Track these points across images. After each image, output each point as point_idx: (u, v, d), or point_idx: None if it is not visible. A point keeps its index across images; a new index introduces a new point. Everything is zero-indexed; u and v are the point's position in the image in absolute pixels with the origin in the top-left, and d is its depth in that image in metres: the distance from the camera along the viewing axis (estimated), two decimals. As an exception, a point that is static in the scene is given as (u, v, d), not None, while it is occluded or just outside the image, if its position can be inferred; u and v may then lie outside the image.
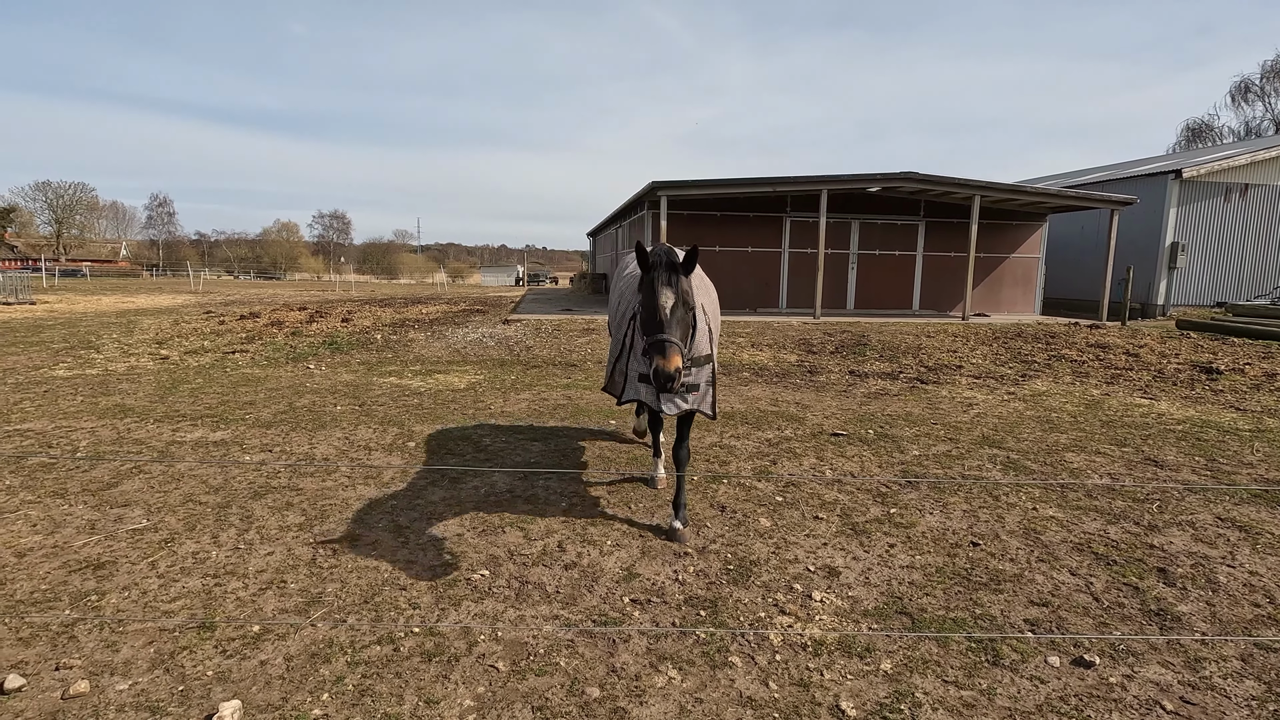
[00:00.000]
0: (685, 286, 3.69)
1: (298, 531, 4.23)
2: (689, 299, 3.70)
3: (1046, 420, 7.37)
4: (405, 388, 8.83)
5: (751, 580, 3.72)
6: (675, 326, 3.57)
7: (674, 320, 3.57)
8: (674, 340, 3.51)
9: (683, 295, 3.64)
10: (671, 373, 3.42)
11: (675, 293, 3.60)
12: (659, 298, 3.57)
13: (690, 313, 3.72)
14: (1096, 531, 4.37)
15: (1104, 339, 13.38)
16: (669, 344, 3.49)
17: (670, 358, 3.45)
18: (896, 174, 16.42)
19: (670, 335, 3.52)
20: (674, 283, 3.62)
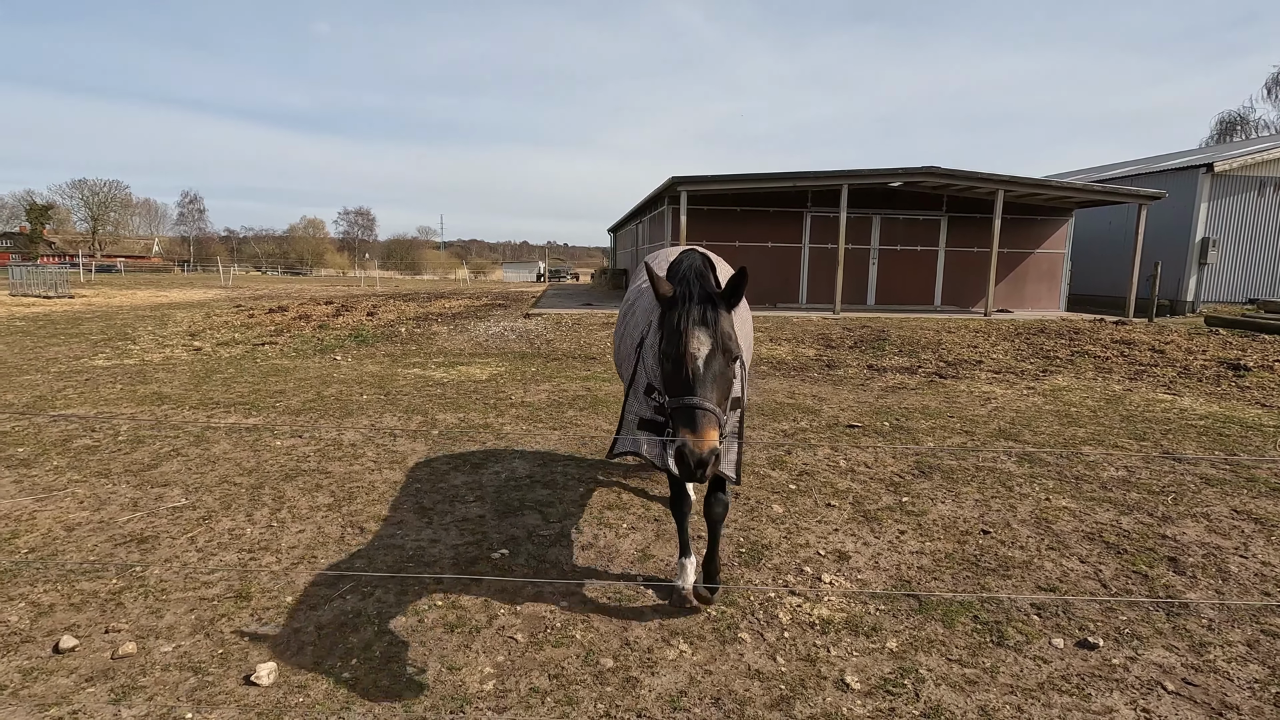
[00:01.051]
0: (726, 328, 2.64)
1: (327, 511, 4.42)
2: (731, 345, 2.62)
3: (1065, 414, 7.35)
4: (429, 378, 9.03)
5: (763, 563, 3.82)
6: (711, 386, 2.50)
7: (709, 377, 2.51)
8: (709, 408, 2.45)
9: (723, 340, 2.58)
10: (705, 456, 2.36)
11: (713, 337, 2.56)
12: (688, 343, 2.53)
13: (731, 364, 2.64)
14: (1109, 522, 4.40)
15: (1129, 335, 13.21)
16: (702, 412, 2.43)
17: (703, 432, 2.39)
18: (918, 169, 16.32)
19: (704, 400, 2.45)
20: (711, 321, 2.57)
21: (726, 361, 2.61)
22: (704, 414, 2.44)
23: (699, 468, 2.36)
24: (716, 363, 2.55)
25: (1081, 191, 17.82)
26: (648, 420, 3.11)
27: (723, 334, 2.60)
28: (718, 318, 2.60)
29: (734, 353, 2.63)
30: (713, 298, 2.65)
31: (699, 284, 2.69)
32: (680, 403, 2.48)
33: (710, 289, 2.71)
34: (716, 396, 2.52)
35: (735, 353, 2.64)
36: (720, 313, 2.64)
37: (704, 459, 2.35)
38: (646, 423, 3.11)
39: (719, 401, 2.53)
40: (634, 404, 3.19)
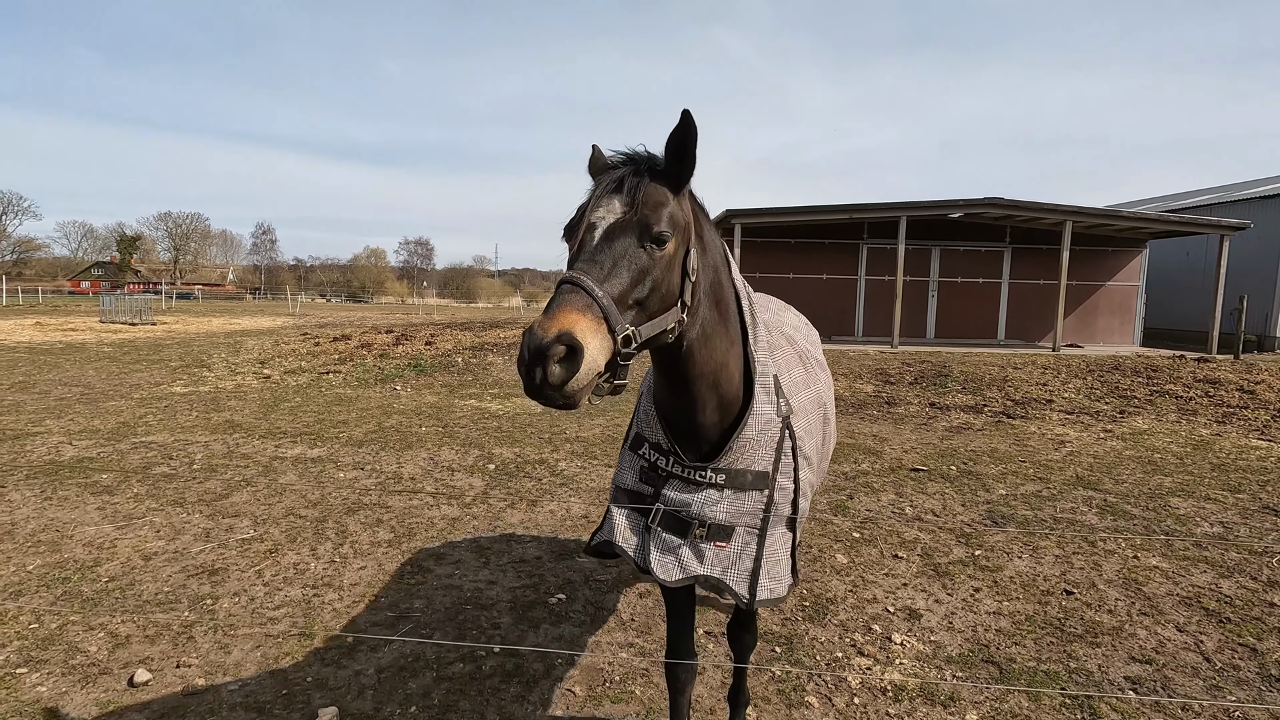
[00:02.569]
0: (659, 200, 1.72)
1: (387, 548, 4.46)
2: (658, 225, 1.68)
3: (1148, 461, 6.91)
4: (485, 410, 9.15)
5: (828, 618, 3.66)
6: (606, 266, 1.62)
7: (606, 254, 1.64)
8: (581, 282, 1.56)
9: (642, 213, 1.68)
10: (544, 343, 1.44)
11: (628, 205, 1.69)
12: (588, 210, 1.73)
13: (657, 252, 1.68)
14: (1207, 585, 4.07)
15: (1214, 373, 12.42)
16: (569, 286, 1.56)
17: (557, 313, 1.49)
18: (980, 200, 15.92)
19: (579, 274, 1.58)
20: (630, 189, 1.71)
21: (643, 243, 1.65)
22: (569, 290, 1.53)
23: (530, 363, 1.44)
24: (623, 242, 1.65)
25: (1156, 222, 17.05)
26: (629, 490, 2.15)
27: (646, 205, 1.68)
28: (640, 184, 1.70)
29: (662, 235, 1.67)
30: (638, 162, 1.79)
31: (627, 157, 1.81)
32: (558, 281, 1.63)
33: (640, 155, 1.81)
34: (616, 288, 1.60)
35: (665, 235, 1.67)
36: (648, 183, 1.71)
37: (542, 347, 1.42)
38: (628, 495, 2.15)
39: (621, 300, 1.60)
40: (620, 467, 2.24)
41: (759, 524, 2.06)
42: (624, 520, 2.14)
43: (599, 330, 1.52)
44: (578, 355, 1.45)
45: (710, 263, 1.91)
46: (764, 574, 2.04)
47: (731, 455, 1.99)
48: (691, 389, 1.94)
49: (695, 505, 2.01)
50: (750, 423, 1.99)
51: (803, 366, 2.38)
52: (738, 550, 2.05)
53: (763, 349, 2.06)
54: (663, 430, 2.06)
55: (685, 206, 1.81)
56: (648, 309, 1.68)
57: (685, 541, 2.04)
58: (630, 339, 1.60)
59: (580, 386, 1.49)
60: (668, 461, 2.05)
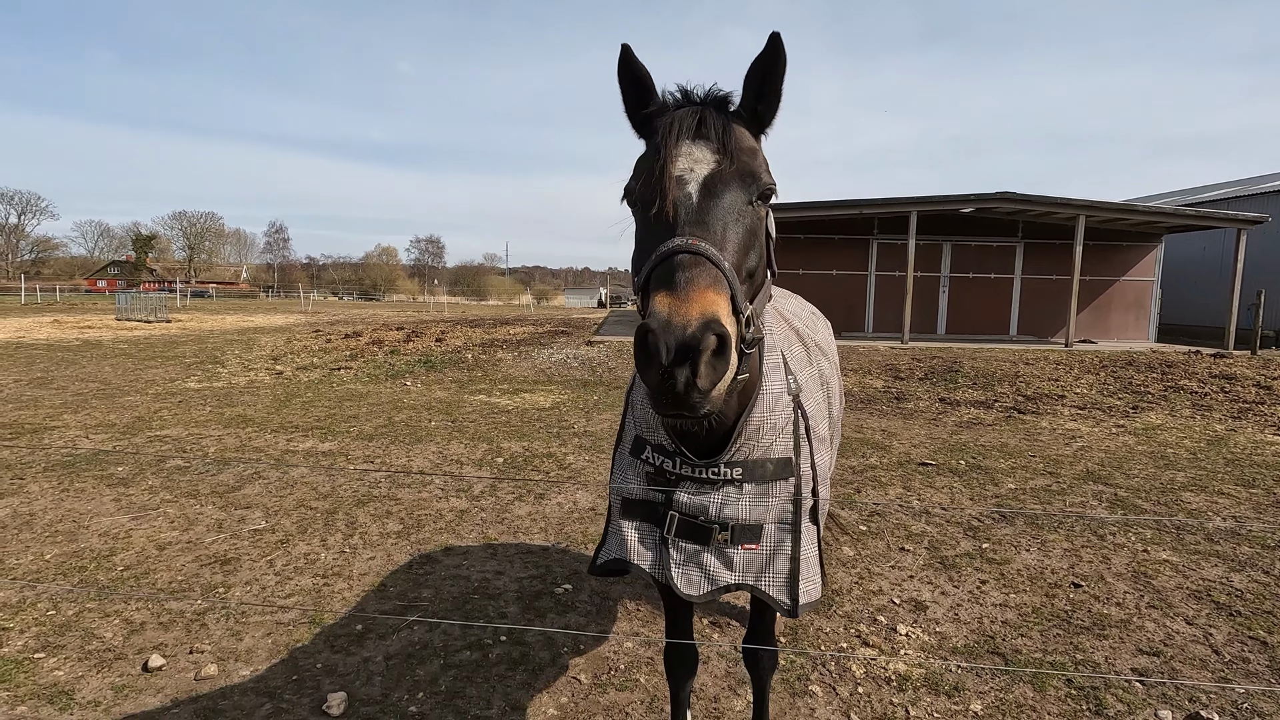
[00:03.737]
0: (749, 144, 1.47)
1: (396, 539, 4.51)
2: (757, 170, 1.44)
3: (1161, 456, 6.85)
4: (494, 405, 9.20)
5: (834, 609, 3.66)
6: (719, 228, 1.35)
7: (715, 211, 1.36)
8: (706, 251, 1.28)
9: (740, 158, 1.42)
10: (688, 335, 1.14)
11: (721, 152, 1.41)
12: (671, 160, 1.39)
13: (758, 206, 1.45)
14: (1218, 579, 4.04)
15: (1230, 369, 12.27)
16: (691, 258, 1.27)
17: (690, 293, 1.20)
18: (991, 194, 15.79)
19: (697, 240, 1.30)
20: (717, 132, 1.42)
21: (748, 196, 1.39)
22: (692, 261, 1.24)
23: (675, 361, 1.13)
24: (731, 197, 1.36)
25: (1171, 216, 16.84)
26: (636, 501, 1.90)
27: (742, 152, 1.41)
28: (729, 127, 1.40)
29: (764, 183, 1.41)
30: (721, 103, 1.49)
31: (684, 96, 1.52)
32: (659, 252, 1.29)
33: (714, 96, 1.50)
34: (735, 256, 1.31)
35: (768, 184, 1.42)
36: (732, 126, 1.42)
37: (688, 339, 1.12)
38: (635, 505, 1.91)
39: (739, 271, 1.32)
40: (618, 475, 1.99)
41: (790, 518, 1.82)
42: (634, 534, 1.89)
43: (730, 310, 1.21)
44: (728, 348, 1.13)
45: None
46: (802, 575, 1.81)
47: (744, 444, 1.74)
48: None
49: (713, 507, 1.77)
50: (760, 404, 1.73)
51: (801, 344, 2.17)
52: (770, 551, 1.82)
53: (769, 319, 1.81)
54: (665, 429, 1.79)
55: (764, 153, 1.52)
56: (757, 281, 1.38)
57: (708, 548, 1.80)
58: (750, 320, 1.29)
59: (724, 391, 1.18)
60: (675, 463, 1.80)
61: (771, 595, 1.82)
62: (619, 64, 1.53)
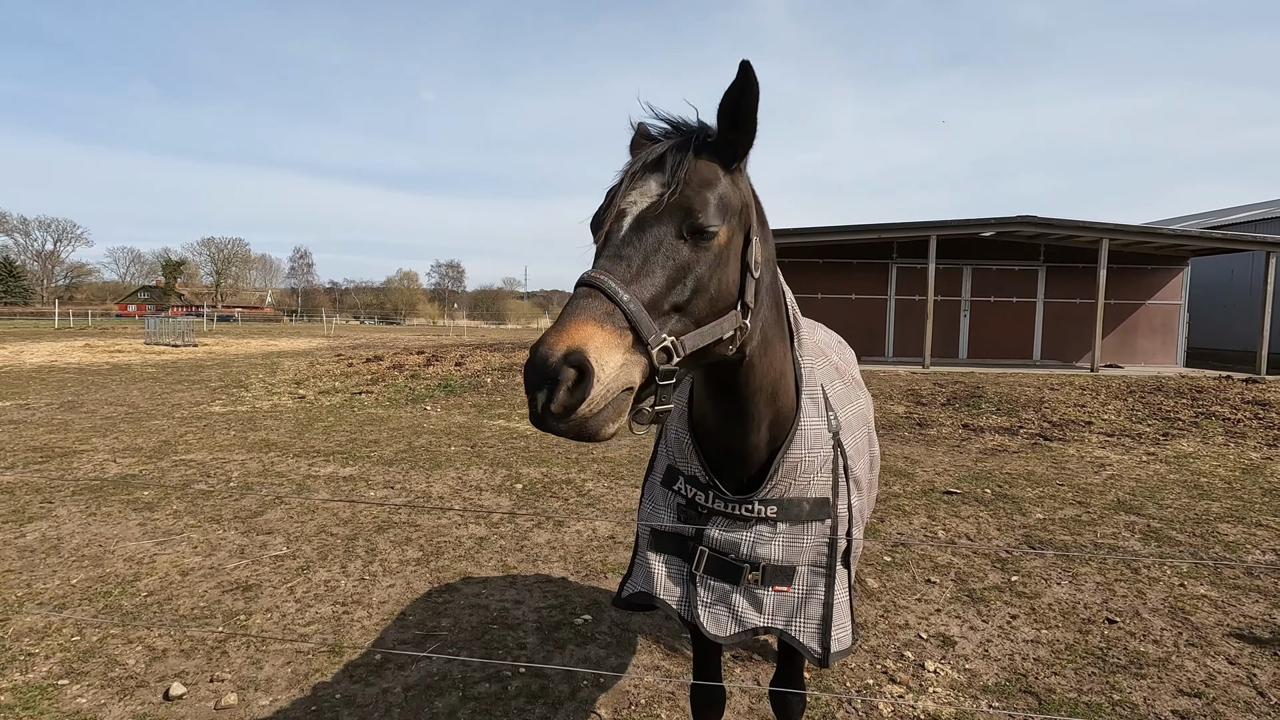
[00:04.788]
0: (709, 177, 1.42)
1: (416, 566, 4.50)
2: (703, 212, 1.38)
3: (1194, 486, 6.66)
4: (513, 430, 9.22)
5: (858, 644, 3.58)
6: (636, 264, 1.34)
7: (636, 247, 1.36)
8: (604, 285, 1.28)
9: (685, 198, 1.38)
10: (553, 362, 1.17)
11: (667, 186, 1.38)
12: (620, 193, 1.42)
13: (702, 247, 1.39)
14: (1259, 616, 3.89)
15: (1263, 395, 11.96)
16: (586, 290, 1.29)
17: (569, 325, 1.22)
18: (1012, 218, 15.69)
19: (602, 274, 1.31)
20: (671, 167, 1.40)
21: (683, 234, 1.36)
22: (585, 294, 1.27)
23: (531, 387, 1.20)
24: (657, 232, 1.36)
25: (1197, 239, 16.60)
26: (665, 533, 1.87)
27: (687, 185, 1.38)
28: (684, 160, 1.39)
29: (706, 223, 1.37)
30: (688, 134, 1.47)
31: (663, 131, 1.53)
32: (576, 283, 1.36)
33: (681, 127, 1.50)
34: (648, 290, 1.31)
35: (710, 223, 1.37)
36: (694, 158, 1.41)
37: (542, 367, 1.18)
38: (664, 538, 1.87)
39: (655, 304, 1.31)
40: (648, 505, 1.95)
41: (825, 561, 1.76)
42: (662, 568, 1.85)
43: (622, 344, 1.23)
44: (588, 378, 1.17)
45: (770, 254, 1.62)
46: (834, 622, 1.76)
47: (780, 481, 1.71)
48: (749, 406, 1.64)
49: (745, 545, 1.74)
50: (798, 440, 1.71)
51: (841, 380, 2.10)
52: (802, 594, 1.76)
53: (808, 354, 1.79)
54: (699, 460, 1.77)
55: (743, 185, 1.50)
56: (694, 314, 1.37)
57: (738, 588, 1.75)
58: (671, 351, 1.30)
59: (594, 414, 1.20)
60: (707, 497, 1.76)
61: (802, 642, 1.76)
62: (631, 143, 1.61)
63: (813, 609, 1.77)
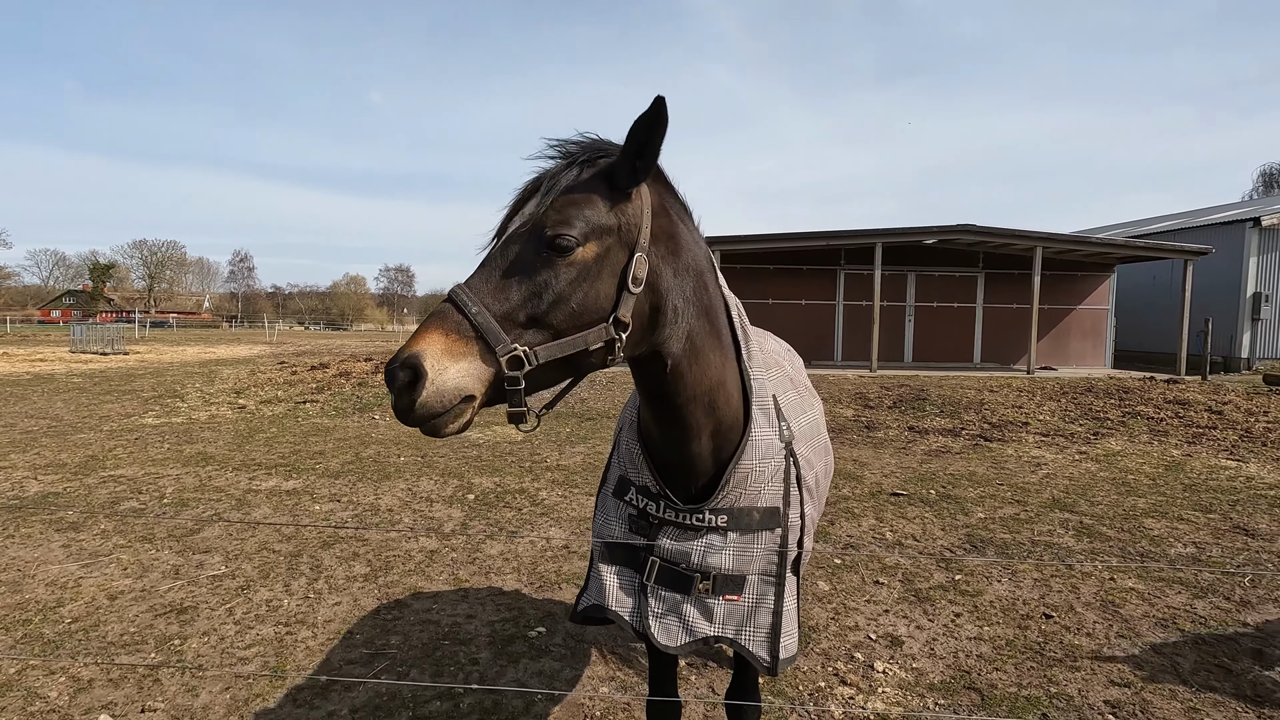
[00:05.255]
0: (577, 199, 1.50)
1: (363, 582, 4.38)
2: (564, 230, 1.45)
3: (1122, 483, 7.01)
4: (465, 438, 9.06)
5: (810, 647, 3.64)
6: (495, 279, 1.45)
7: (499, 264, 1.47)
8: (460, 299, 1.41)
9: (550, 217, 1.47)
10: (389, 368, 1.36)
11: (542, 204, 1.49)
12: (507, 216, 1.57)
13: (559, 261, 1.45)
14: (1182, 606, 4.12)
15: (1183, 395, 12.70)
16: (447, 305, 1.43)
17: (426, 330, 1.38)
18: (953, 226, 16.27)
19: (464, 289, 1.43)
20: (548, 189, 1.51)
21: (540, 251, 1.44)
22: (442, 308, 1.41)
23: (388, 385, 1.34)
24: (516, 249, 1.45)
25: (1123, 247, 17.53)
26: (617, 545, 1.88)
27: (552, 206, 1.47)
28: (558, 181, 1.50)
29: (562, 240, 1.43)
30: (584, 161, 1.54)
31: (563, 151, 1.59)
32: None
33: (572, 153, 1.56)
34: (502, 303, 1.41)
35: (566, 241, 1.43)
36: (573, 178, 1.50)
37: (390, 371, 1.33)
38: (616, 549, 1.89)
39: (510, 316, 1.41)
40: (600, 517, 1.97)
41: (775, 570, 1.79)
42: (614, 580, 1.87)
43: (468, 352, 1.37)
44: (420, 381, 1.33)
45: (689, 265, 1.66)
46: (783, 630, 1.78)
47: (731, 491, 1.74)
48: (684, 414, 1.68)
49: (696, 555, 1.75)
50: (749, 451, 1.74)
51: (795, 391, 2.15)
52: (752, 603, 1.79)
53: (757, 365, 1.83)
54: (649, 470, 1.81)
55: (634, 207, 1.55)
56: (552, 326, 1.45)
57: (689, 598, 1.78)
58: (521, 360, 1.41)
59: (433, 414, 1.36)
60: (658, 506, 1.79)
61: (751, 650, 1.78)
62: None
63: (762, 617, 1.79)
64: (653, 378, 1.68)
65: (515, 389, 1.42)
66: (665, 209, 1.64)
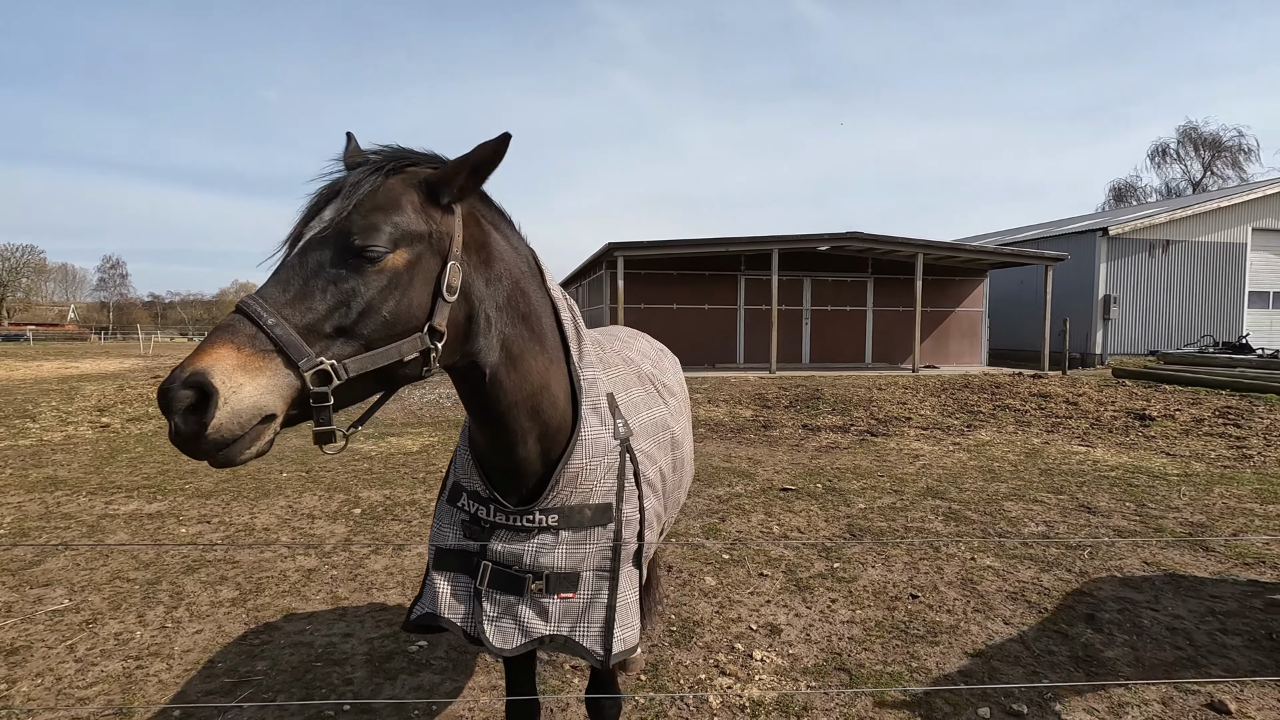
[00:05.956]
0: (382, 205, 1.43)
1: (230, 607, 4.10)
2: (367, 234, 1.39)
3: (989, 470, 7.59)
4: (356, 451, 8.68)
5: (694, 641, 3.72)
6: (292, 290, 1.35)
7: (295, 272, 1.37)
8: (252, 309, 1.30)
9: (353, 221, 1.39)
10: (163, 386, 1.19)
11: (342, 209, 1.40)
12: (302, 221, 1.45)
13: (362, 268, 1.39)
14: (1030, 580, 4.50)
15: (1046, 388, 13.91)
16: (235, 315, 1.31)
17: (209, 346, 1.25)
18: (843, 234, 17.14)
19: (254, 300, 1.32)
20: (350, 193, 1.42)
21: (346, 258, 1.37)
22: (232, 319, 1.28)
23: (164, 409, 1.18)
24: (319, 256, 1.37)
25: (993, 254, 19.03)
26: (451, 551, 1.86)
27: (358, 210, 1.39)
28: (361, 185, 1.41)
29: (370, 247, 1.37)
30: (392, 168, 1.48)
31: None
32: None
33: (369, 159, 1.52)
34: (304, 314, 1.32)
35: (375, 248, 1.37)
36: (379, 182, 1.43)
37: (164, 390, 1.17)
38: (449, 556, 1.86)
39: (314, 328, 1.32)
40: (435, 524, 1.96)
41: (609, 565, 1.82)
42: (447, 586, 1.84)
43: (266, 367, 1.25)
44: (210, 401, 1.17)
45: (502, 273, 1.67)
46: (617, 623, 1.80)
47: (561, 491, 1.77)
48: (507, 420, 1.71)
49: (528, 556, 1.76)
50: (579, 450, 1.77)
51: (643, 387, 2.20)
52: (587, 599, 1.80)
53: (590, 365, 1.86)
54: (479, 475, 1.83)
55: (445, 215, 1.54)
56: (363, 337, 1.38)
57: (523, 599, 1.77)
58: (329, 375, 1.32)
59: (228, 440, 1.21)
60: (489, 511, 1.80)
61: (585, 646, 1.78)
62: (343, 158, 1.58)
63: (596, 612, 1.80)
64: (472, 387, 1.68)
65: (323, 406, 1.33)
66: (477, 218, 1.64)
